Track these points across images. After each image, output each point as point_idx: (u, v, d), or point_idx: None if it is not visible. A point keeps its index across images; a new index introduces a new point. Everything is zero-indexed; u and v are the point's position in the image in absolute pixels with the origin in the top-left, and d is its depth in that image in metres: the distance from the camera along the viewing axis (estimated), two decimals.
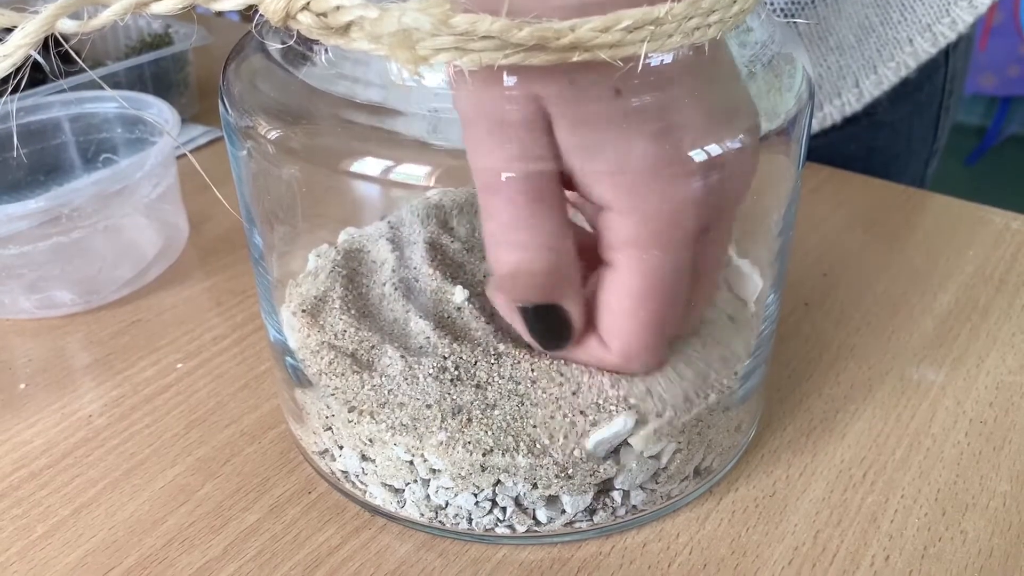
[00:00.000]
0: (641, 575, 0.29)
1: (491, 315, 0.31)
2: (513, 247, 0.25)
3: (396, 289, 0.32)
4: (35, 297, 0.42)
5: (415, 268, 0.32)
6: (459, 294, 0.31)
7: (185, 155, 0.51)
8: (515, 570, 0.29)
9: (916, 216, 0.49)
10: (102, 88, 0.49)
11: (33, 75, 0.23)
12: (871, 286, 0.44)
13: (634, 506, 0.30)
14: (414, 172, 0.24)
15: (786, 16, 0.52)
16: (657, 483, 0.30)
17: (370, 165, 0.25)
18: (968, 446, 0.34)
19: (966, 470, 0.33)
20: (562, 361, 0.29)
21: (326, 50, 0.26)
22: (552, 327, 0.27)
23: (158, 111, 0.47)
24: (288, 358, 0.31)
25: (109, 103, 0.49)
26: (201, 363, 0.39)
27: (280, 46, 0.26)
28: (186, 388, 0.38)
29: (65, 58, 0.23)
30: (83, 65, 0.23)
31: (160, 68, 0.60)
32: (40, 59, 0.23)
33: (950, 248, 0.46)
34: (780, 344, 0.39)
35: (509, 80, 0.22)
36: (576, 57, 0.22)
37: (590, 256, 0.26)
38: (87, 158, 0.50)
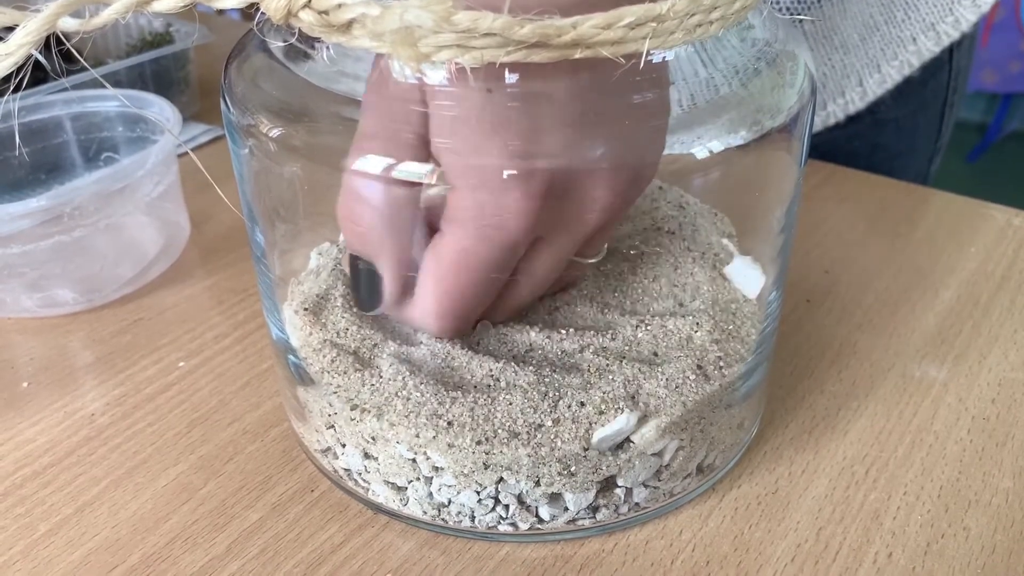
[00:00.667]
0: (644, 572, 0.29)
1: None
2: (351, 195, 0.26)
3: None
4: (37, 296, 0.42)
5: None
6: None
7: (186, 153, 0.50)
8: (518, 568, 0.29)
9: (918, 213, 0.49)
10: (103, 87, 0.49)
11: (34, 74, 0.23)
12: (873, 283, 0.43)
13: (637, 503, 0.30)
14: (415, 170, 0.24)
15: (791, 15, 0.52)
16: (660, 480, 0.30)
17: (372, 163, 0.25)
18: (970, 443, 0.34)
19: (968, 467, 0.33)
20: (566, 358, 0.29)
21: (328, 48, 0.26)
22: (364, 285, 0.29)
23: (159, 109, 0.47)
24: (290, 356, 0.31)
25: (110, 101, 0.49)
26: (203, 361, 0.39)
27: (282, 44, 0.26)
28: (188, 387, 0.38)
29: (66, 57, 0.23)
30: (84, 63, 0.23)
31: (161, 66, 0.60)
32: (41, 58, 0.23)
33: (952, 245, 0.46)
34: (782, 341, 0.39)
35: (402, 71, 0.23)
36: (578, 54, 0.22)
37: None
38: (88, 157, 0.50)
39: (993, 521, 0.31)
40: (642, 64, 0.22)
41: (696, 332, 0.30)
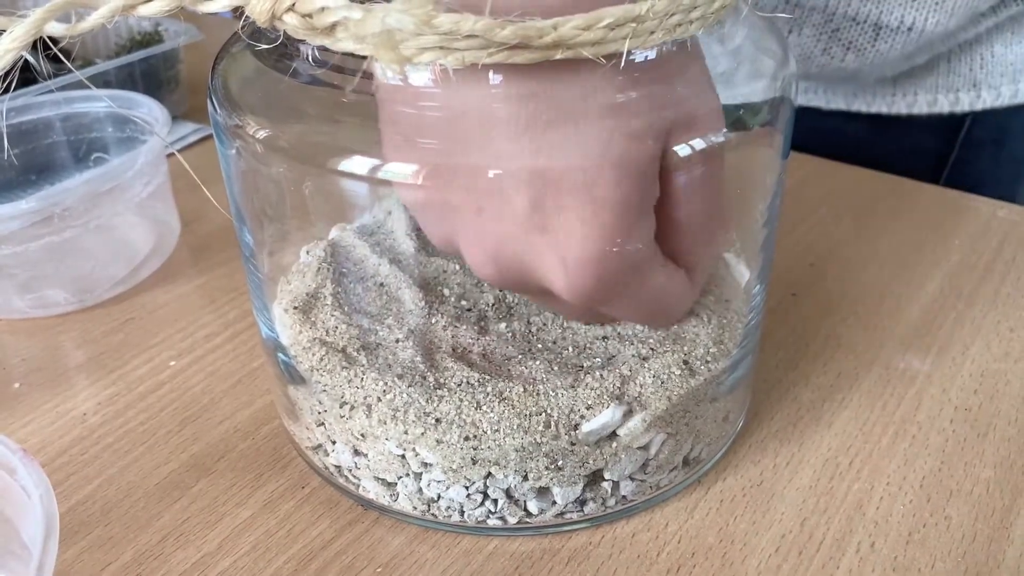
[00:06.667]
0: (630, 565, 0.30)
1: (482, 309, 0.31)
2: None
3: (386, 284, 0.32)
4: (28, 297, 0.42)
5: (405, 263, 0.32)
6: None
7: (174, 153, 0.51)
8: (506, 561, 0.30)
9: (903, 206, 0.50)
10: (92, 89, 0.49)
11: (23, 75, 0.23)
12: (858, 275, 0.44)
13: (624, 496, 0.31)
14: (402, 170, 0.25)
15: None
16: (646, 473, 0.30)
17: (358, 163, 0.25)
18: (953, 433, 0.34)
19: (951, 457, 0.33)
20: (552, 353, 0.30)
21: (313, 50, 0.26)
22: None
23: (148, 110, 0.47)
24: (280, 355, 0.32)
25: (100, 102, 0.49)
26: (194, 360, 0.39)
27: (267, 45, 0.27)
28: (179, 385, 0.38)
29: (54, 57, 0.24)
30: (71, 68, 0.24)
31: (150, 66, 0.60)
32: (32, 59, 0.23)
33: (936, 237, 0.47)
34: (767, 334, 0.40)
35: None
36: (559, 55, 0.22)
37: None
38: (78, 157, 0.51)
39: (974, 510, 0.31)
40: (622, 64, 0.23)
41: (691, 328, 0.31)
